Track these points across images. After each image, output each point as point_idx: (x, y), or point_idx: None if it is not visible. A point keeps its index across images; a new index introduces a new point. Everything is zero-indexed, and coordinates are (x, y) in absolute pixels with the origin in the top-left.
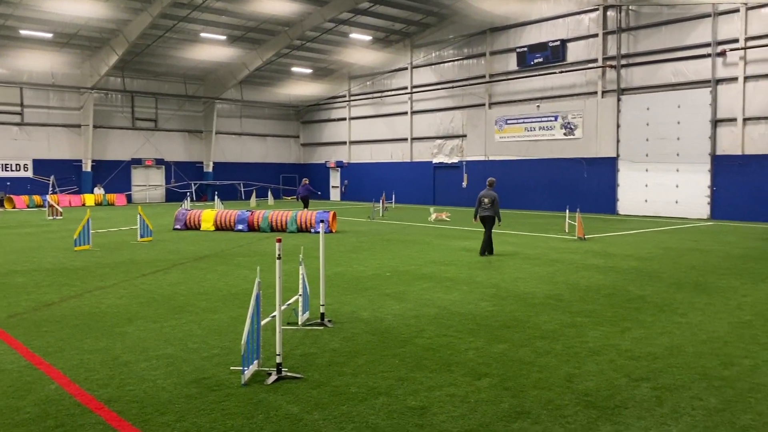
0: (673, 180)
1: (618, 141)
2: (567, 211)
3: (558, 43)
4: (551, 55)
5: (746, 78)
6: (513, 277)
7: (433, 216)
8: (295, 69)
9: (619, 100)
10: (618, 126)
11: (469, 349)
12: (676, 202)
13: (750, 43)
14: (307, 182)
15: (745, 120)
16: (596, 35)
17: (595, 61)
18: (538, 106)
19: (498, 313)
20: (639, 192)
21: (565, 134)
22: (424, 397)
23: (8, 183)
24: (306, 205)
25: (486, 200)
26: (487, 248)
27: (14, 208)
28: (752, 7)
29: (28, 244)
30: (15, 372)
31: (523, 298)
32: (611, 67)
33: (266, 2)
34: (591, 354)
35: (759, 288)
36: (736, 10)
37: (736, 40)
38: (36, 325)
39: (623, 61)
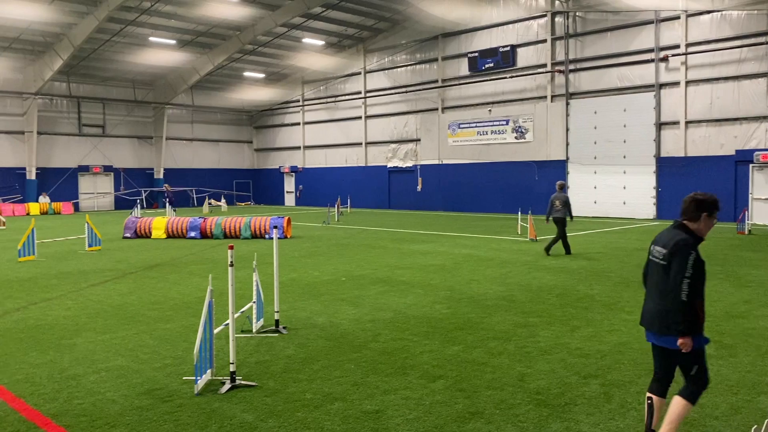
0: (620, 182)
1: (567, 144)
2: (519, 213)
3: (508, 48)
4: (502, 60)
5: (687, 82)
6: (467, 279)
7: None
8: (247, 74)
9: (567, 104)
10: (567, 129)
11: (424, 351)
12: (624, 203)
13: (690, 49)
14: (169, 188)
15: (687, 123)
16: (545, 41)
17: (544, 66)
18: (489, 111)
19: (452, 315)
20: (588, 194)
21: (516, 138)
22: (380, 400)
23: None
24: (173, 208)
25: (557, 203)
26: (563, 247)
27: None
28: (692, 15)
29: None
30: None
31: (476, 300)
32: (560, 72)
33: (216, 6)
34: (542, 353)
35: None
36: (677, 17)
37: (677, 46)
38: None
39: (571, 66)
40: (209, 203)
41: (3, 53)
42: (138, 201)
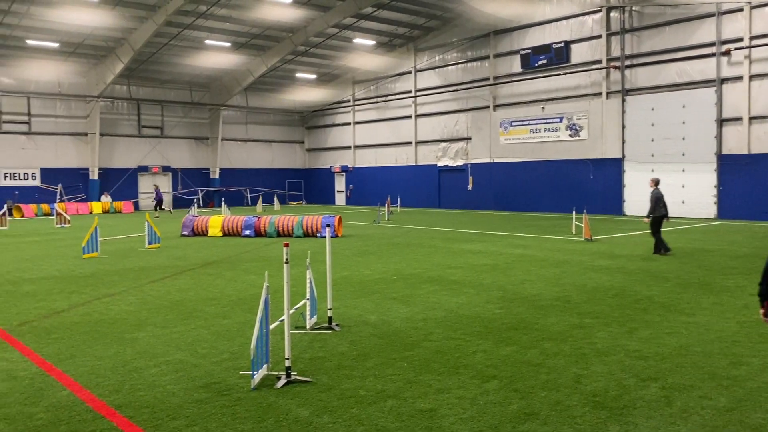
0: (679, 180)
1: (623, 142)
2: (573, 212)
3: (562, 44)
4: (555, 57)
5: (751, 77)
6: (520, 279)
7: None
8: (299, 75)
9: (623, 100)
10: (623, 127)
11: (477, 351)
12: (683, 202)
13: (755, 42)
14: (157, 187)
15: (750, 119)
16: (600, 36)
17: (599, 62)
18: (542, 108)
19: (505, 315)
20: (645, 192)
21: (570, 135)
22: (433, 399)
23: (16, 192)
24: (160, 207)
25: (664, 199)
26: (661, 247)
27: (23, 216)
28: (756, 6)
29: (37, 253)
30: (27, 379)
31: (530, 300)
32: (615, 68)
33: (270, 9)
34: (599, 355)
35: None
36: (740, 9)
37: (740, 39)
38: (46, 333)
39: (627, 62)
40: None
41: (68, 58)
42: (195, 200)
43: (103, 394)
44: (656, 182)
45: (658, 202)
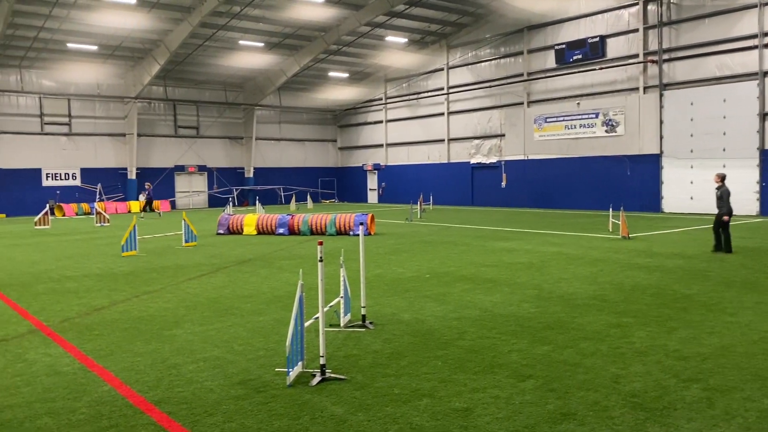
0: None
1: (661, 137)
2: (610, 209)
3: (597, 39)
4: (590, 52)
5: None
6: (555, 278)
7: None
8: (331, 73)
9: (661, 95)
10: (661, 122)
11: (513, 350)
12: None
13: None
14: (150, 187)
15: None
16: (636, 30)
17: (636, 56)
18: (578, 104)
19: (541, 314)
20: (684, 189)
21: (606, 131)
22: (468, 398)
23: (58, 192)
24: (150, 208)
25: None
26: (723, 244)
27: (64, 215)
28: None
29: (78, 251)
30: (70, 374)
31: (566, 299)
32: (653, 62)
33: (303, 8)
34: (637, 355)
35: None
36: None
37: None
38: (88, 329)
39: (665, 56)
40: (159, 211)
41: (107, 61)
42: (230, 199)
43: (142, 390)
44: (722, 178)
45: (729, 199)
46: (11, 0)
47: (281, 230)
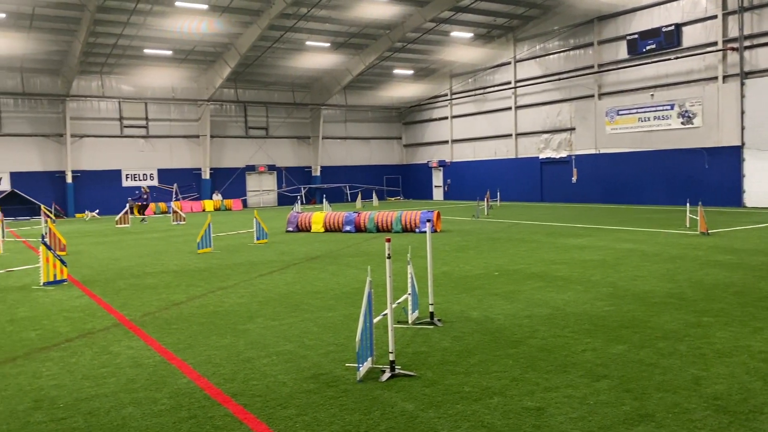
0: None
1: (743, 128)
2: (687, 204)
3: (672, 27)
4: (665, 41)
5: None
6: (631, 275)
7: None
8: (396, 71)
9: (743, 84)
10: (742, 112)
11: (586, 350)
12: None
13: None
14: (146, 189)
15: None
16: (715, 17)
17: (714, 44)
18: (652, 95)
19: (616, 312)
20: None
21: (682, 123)
22: (540, 397)
23: (137, 192)
24: (141, 212)
25: None
26: None
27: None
28: None
29: (157, 248)
30: (151, 366)
31: (642, 297)
32: (733, 49)
33: (368, 7)
34: (720, 355)
35: None
36: None
37: None
38: (167, 323)
39: (746, 43)
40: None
41: (181, 65)
42: (298, 197)
43: (219, 383)
44: None
45: None
46: (93, 10)
47: (348, 228)
